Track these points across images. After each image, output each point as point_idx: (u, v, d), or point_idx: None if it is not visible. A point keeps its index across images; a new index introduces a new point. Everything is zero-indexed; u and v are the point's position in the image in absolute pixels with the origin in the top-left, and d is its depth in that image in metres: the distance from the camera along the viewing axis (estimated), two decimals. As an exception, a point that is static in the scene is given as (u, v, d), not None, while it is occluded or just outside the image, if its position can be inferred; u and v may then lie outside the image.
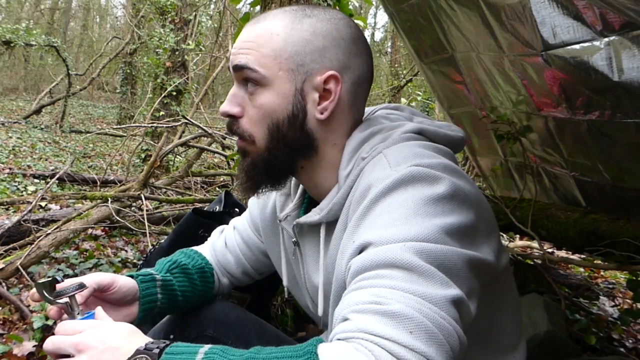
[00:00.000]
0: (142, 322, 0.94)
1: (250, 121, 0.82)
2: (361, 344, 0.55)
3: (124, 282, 0.92)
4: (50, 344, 0.68)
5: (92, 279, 0.87)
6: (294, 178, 0.96)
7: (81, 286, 0.80)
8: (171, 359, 0.61)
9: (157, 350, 0.62)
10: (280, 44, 0.79)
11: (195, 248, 1.15)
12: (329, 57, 0.80)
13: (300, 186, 0.95)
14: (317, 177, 0.86)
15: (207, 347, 0.64)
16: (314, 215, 0.84)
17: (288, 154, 0.82)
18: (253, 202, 1.10)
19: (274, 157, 0.82)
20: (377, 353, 0.54)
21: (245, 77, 0.81)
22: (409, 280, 0.60)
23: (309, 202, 0.94)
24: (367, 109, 0.94)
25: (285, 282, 1.03)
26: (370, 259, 0.63)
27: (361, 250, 0.67)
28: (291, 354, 0.59)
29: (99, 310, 0.77)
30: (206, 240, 1.20)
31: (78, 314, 0.78)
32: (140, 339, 0.66)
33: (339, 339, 0.58)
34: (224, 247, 1.13)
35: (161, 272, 1.00)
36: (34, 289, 0.80)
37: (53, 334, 0.72)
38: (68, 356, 0.66)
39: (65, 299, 0.78)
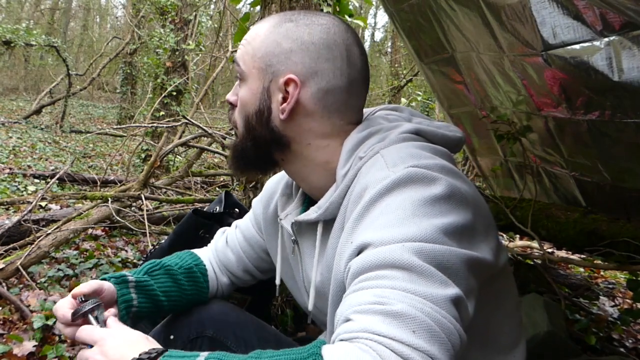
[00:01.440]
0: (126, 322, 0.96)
1: (237, 110, 0.90)
2: (365, 344, 0.56)
3: (107, 285, 0.94)
4: None
5: (88, 286, 0.90)
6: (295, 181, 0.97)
7: (94, 302, 0.85)
8: None
9: (155, 355, 0.64)
10: (258, 44, 0.85)
11: (196, 250, 1.16)
12: (294, 61, 0.82)
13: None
14: (301, 172, 0.89)
15: (204, 355, 0.64)
16: (311, 214, 0.85)
17: (256, 146, 0.88)
18: (257, 202, 1.12)
19: (245, 146, 0.89)
20: (382, 353, 0.54)
21: (236, 70, 0.88)
22: (410, 281, 0.60)
23: (309, 202, 0.95)
24: (367, 110, 0.94)
25: (277, 281, 1.04)
26: (370, 259, 0.63)
27: (360, 251, 0.67)
28: (295, 356, 0.59)
29: (110, 321, 0.82)
30: (207, 240, 1.20)
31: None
32: (142, 345, 0.68)
33: (342, 340, 0.59)
34: (224, 245, 1.15)
35: (138, 274, 1.01)
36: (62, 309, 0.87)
37: (53, 334, 0.73)
38: None
39: (79, 320, 0.84)
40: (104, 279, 0.96)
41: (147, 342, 0.71)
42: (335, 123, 0.85)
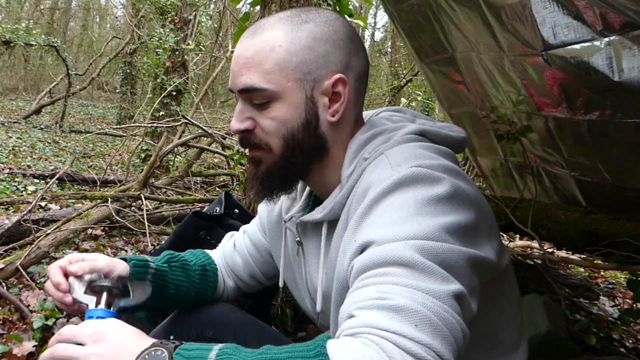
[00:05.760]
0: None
1: (263, 131, 0.83)
2: (369, 339, 0.56)
3: (121, 269, 0.92)
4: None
5: (90, 267, 0.88)
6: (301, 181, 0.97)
7: (109, 286, 0.83)
8: (185, 353, 0.62)
9: (172, 345, 0.63)
10: (284, 56, 0.79)
11: (206, 251, 1.16)
12: (332, 61, 0.81)
13: (307, 189, 0.96)
14: (325, 178, 0.87)
15: (218, 346, 0.64)
16: (316, 214, 0.86)
17: (303, 160, 0.84)
18: (262, 206, 1.12)
19: (289, 164, 0.83)
20: (384, 346, 0.55)
21: (253, 97, 0.81)
22: (412, 277, 0.61)
23: (314, 204, 0.95)
24: (370, 112, 0.95)
25: (281, 284, 1.04)
26: (373, 257, 0.64)
27: (363, 249, 0.67)
28: (302, 349, 0.60)
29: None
30: (207, 242, 1.21)
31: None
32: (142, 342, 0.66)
33: (346, 335, 0.59)
34: (232, 249, 1.15)
35: (158, 261, 1.01)
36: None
37: (53, 334, 0.72)
38: None
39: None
40: (124, 259, 0.94)
41: (145, 340, 0.67)
42: (356, 115, 0.87)
